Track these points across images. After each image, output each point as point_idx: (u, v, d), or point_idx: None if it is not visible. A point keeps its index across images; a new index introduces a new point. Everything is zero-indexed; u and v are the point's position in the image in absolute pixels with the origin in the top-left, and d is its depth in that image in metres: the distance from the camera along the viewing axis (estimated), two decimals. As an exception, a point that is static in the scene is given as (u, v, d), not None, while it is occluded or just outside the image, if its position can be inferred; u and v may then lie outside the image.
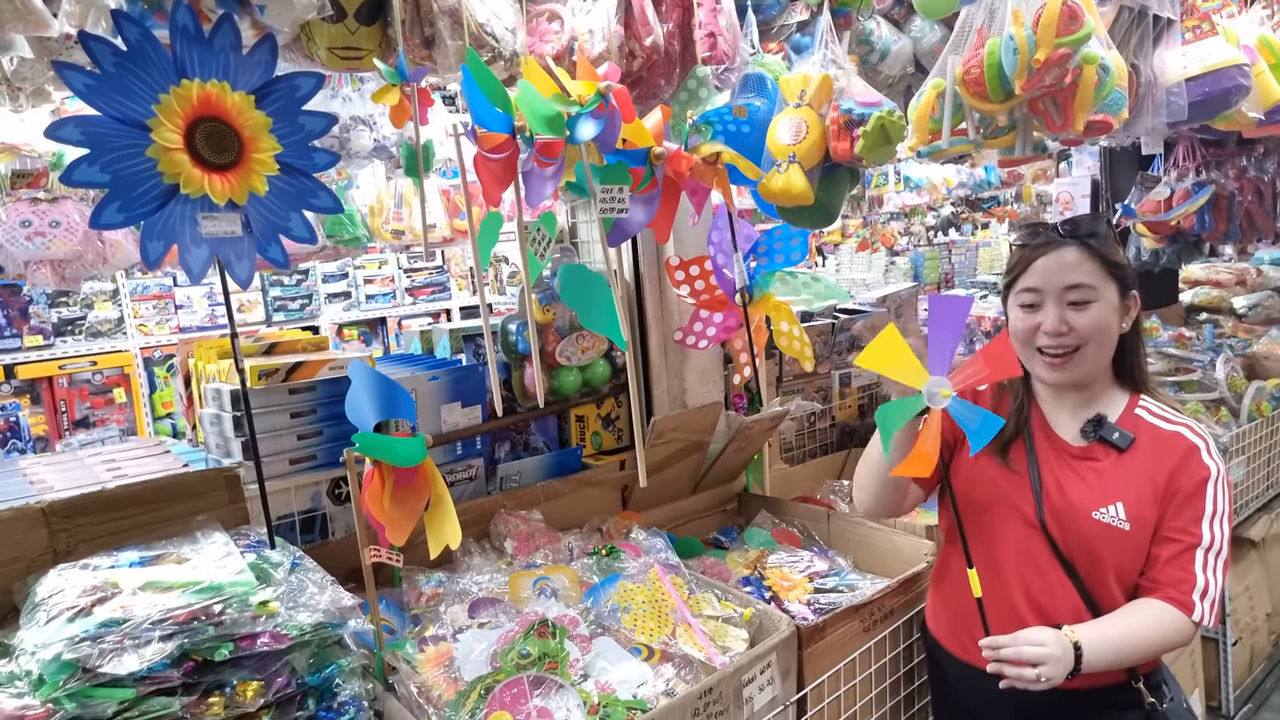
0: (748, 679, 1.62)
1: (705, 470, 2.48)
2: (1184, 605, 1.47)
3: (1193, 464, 1.51)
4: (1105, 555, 1.52)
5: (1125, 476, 1.53)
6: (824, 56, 1.94)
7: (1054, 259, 1.55)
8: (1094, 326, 1.53)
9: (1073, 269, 1.53)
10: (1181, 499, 1.50)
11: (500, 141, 1.49)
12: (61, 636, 1.17)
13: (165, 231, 1.26)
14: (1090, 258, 1.54)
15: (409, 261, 6.34)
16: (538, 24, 1.78)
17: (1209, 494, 1.50)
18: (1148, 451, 1.54)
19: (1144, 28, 1.97)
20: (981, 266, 8.28)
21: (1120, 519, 1.51)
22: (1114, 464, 1.55)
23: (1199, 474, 1.51)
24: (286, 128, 1.31)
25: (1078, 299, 1.53)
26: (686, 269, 2.28)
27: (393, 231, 3.40)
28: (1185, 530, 1.49)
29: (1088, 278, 1.53)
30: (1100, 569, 1.53)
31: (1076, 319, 1.54)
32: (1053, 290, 1.55)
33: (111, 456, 2.08)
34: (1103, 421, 1.57)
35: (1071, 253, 1.54)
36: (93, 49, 1.15)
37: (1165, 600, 1.48)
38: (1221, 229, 3.66)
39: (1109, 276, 1.54)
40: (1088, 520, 1.53)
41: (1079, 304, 1.54)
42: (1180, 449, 1.53)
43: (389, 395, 1.49)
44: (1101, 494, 1.53)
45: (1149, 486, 1.52)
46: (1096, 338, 1.54)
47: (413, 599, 1.83)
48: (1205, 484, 1.50)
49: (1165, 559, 1.50)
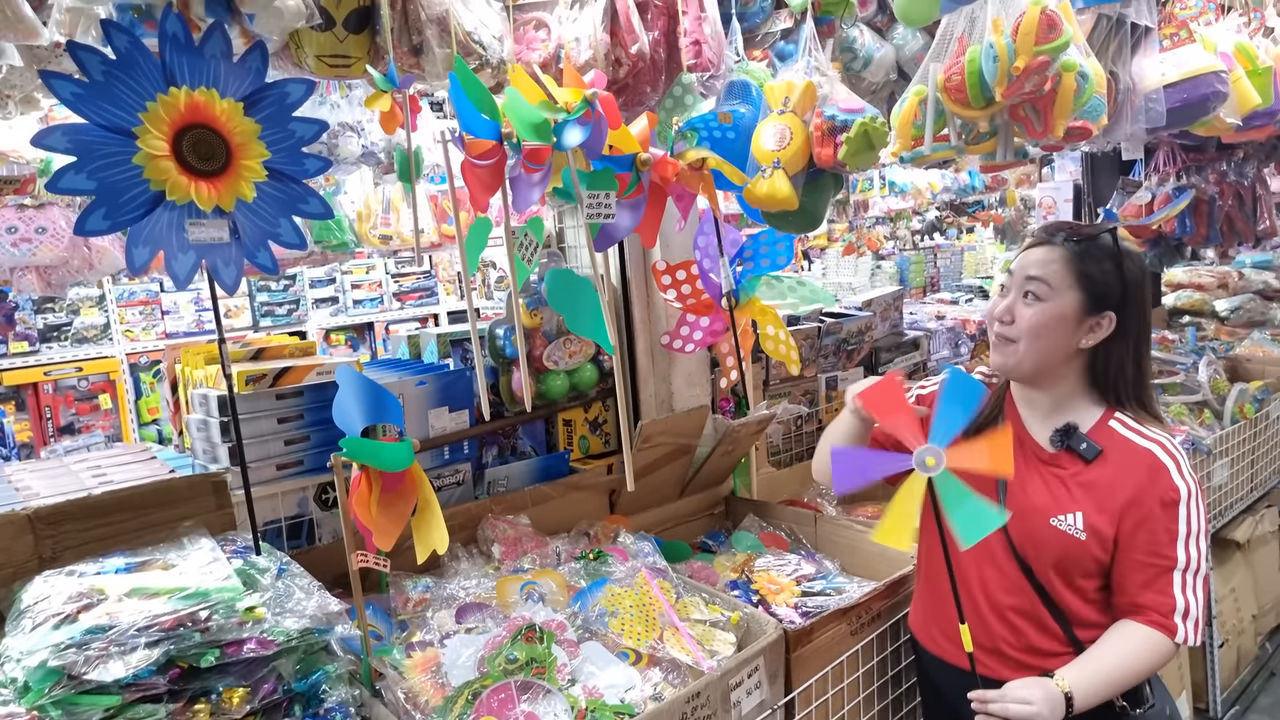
0: (735, 683, 1.63)
1: (693, 474, 2.48)
2: (1166, 629, 1.48)
3: (1162, 484, 1.50)
4: (1059, 560, 1.54)
5: (1088, 488, 1.54)
6: (808, 64, 1.96)
7: (1033, 253, 1.58)
8: (1032, 325, 1.54)
9: (1038, 264, 1.55)
10: (1153, 521, 1.49)
11: (488, 148, 1.50)
12: (47, 643, 1.17)
13: (151, 238, 1.26)
14: (1061, 260, 1.54)
15: (397, 266, 6.33)
16: (524, 32, 1.80)
17: (1181, 514, 1.49)
18: (1115, 465, 1.53)
19: (1122, 35, 1.99)
20: (967, 270, 8.33)
21: (1077, 529, 1.51)
22: (1079, 474, 1.55)
23: (1169, 495, 1.49)
24: (277, 134, 1.32)
25: (1030, 291, 1.55)
26: (673, 273, 2.29)
27: (380, 236, 3.40)
28: (1160, 554, 1.49)
29: (1048, 275, 1.54)
30: (1053, 572, 1.55)
31: (1021, 311, 1.55)
32: (1016, 280, 1.58)
33: (98, 463, 2.07)
34: (1071, 431, 1.57)
35: (1046, 251, 1.56)
36: (82, 58, 1.15)
37: (1148, 624, 1.49)
38: (1202, 233, 3.70)
39: (1074, 285, 1.53)
40: (1045, 525, 1.54)
41: (1027, 299, 1.55)
42: (1149, 467, 1.51)
43: (376, 400, 1.49)
44: (1063, 501, 1.54)
45: (1111, 500, 1.51)
46: (1032, 337, 1.54)
47: (400, 604, 1.83)
48: (1176, 505, 1.49)
49: (1143, 582, 1.50)
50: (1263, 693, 3.38)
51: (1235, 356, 3.96)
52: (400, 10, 1.56)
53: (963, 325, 4.03)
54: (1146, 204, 3.77)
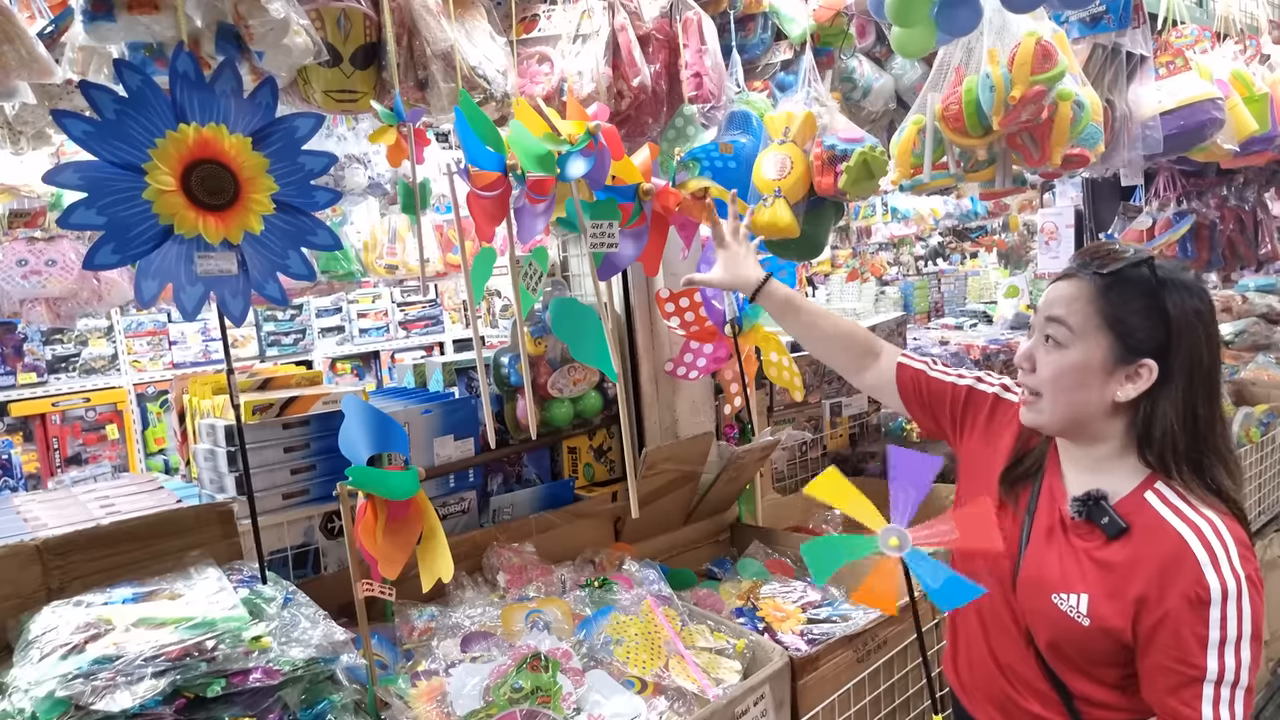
0: (741, 711, 1.62)
1: (697, 501, 2.48)
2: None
3: (1187, 579, 1.20)
4: (1058, 641, 1.34)
5: (1103, 568, 1.29)
6: (807, 94, 1.99)
7: (1059, 287, 1.34)
8: (1053, 376, 1.32)
9: (1060, 302, 1.32)
10: (1175, 622, 1.20)
11: (493, 179, 1.52)
12: (55, 674, 1.18)
13: (160, 271, 1.28)
14: (1086, 298, 1.29)
15: (402, 295, 6.37)
16: (528, 66, 1.83)
17: (1214, 617, 1.18)
18: (1140, 547, 1.27)
19: (1118, 64, 2.03)
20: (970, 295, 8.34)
21: (1080, 612, 1.29)
22: (1098, 549, 1.31)
23: (1197, 592, 1.19)
24: (286, 168, 1.34)
25: (1050, 335, 1.33)
26: (676, 301, 2.31)
27: (386, 266, 3.43)
28: (1184, 660, 1.20)
29: (1069, 317, 1.30)
30: (1054, 651, 1.36)
31: (1040, 359, 1.34)
32: (1038, 319, 1.36)
33: (105, 493, 2.08)
34: (1095, 501, 1.32)
35: (1072, 285, 1.32)
36: (94, 98, 1.18)
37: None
38: (1204, 257, 3.71)
39: (1103, 327, 1.28)
40: (1047, 601, 1.33)
41: (1049, 343, 1.33)
42: (1177, 556, 1.22)
43: (382, 429, 1.50)
44: (1070, 578, 1.32)
45: (1125, 589, 1.26)
46: (1054, 390, 1.32)
47: (405, 633, 1.83)
48: (1207, 606, 1.18)
49: (1166, 688, 1.23)
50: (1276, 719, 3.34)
51: (1240, 380, 3.95)
52: (406, 46, 1.59)
53: (966, 350, 4.04)
54: (1148, 229, 3.79)
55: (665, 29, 1.90)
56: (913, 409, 1.68)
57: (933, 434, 1.69)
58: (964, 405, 1.60)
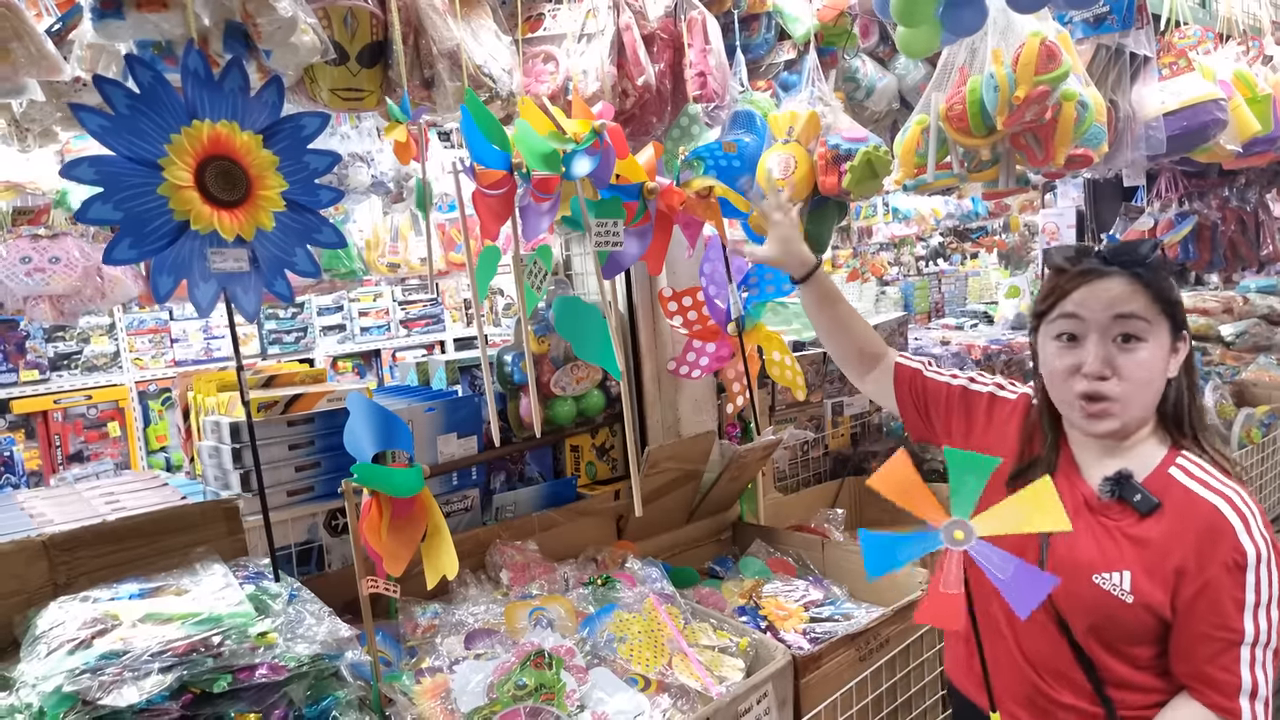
0: (744, 709, 1.62)
1: (700, 500, 2.49)
2: (1230, 712, 1.26)
3: (1226, 546, 1.26)
4: (1100, 622, 1.34)
5: (1140, 545, 1.32)
6: (811, 94, 1.99)
7: (1100, 288, 1.33)
8: (1144, 374, 1.32)
9: (1123, 300, 1.32)
10: (1216, 589, 1.26)
11: (498, 178, 1.53)
12: (62, 669, 1.18)
13: (175, 267, 1.28)
14: (1143, 289, 1.32)
15: (404, 294, 6.37)
16: (533, 65, 1.83)
17: (1249, 581, 1.25)
18: (1173, 521, 1.30)
19: (1121, 65, 2.03)
20: (971, 295, 8.35)
21: (1124, 590, 1.31)
22: (1132, 526, 1.34)
23: (1235, 558, 1.25)
24: (292, 166, 1.35)
25: (1128, 332, 1.31)
26: (679, 300, 2.31)
27: (388, 265, 3.44)
28: (1225, 626, 1.26)
29: (1142, 310, 1.31)
30: (1094, 634, 1.36)
31: (1124, 361, 1.32)
32: (1098, 323, 1.32)
33: (110, 489, 2.09)
34: (1125, 480, 1.35)
35: (1120, 283, 1.33)
36: (107, 92, 1.18)
37: (1209, 705, 1.28)
38: (1205, 258, 3.71)
39: (1162, 313, 1.32)
40: (1088, 583, 1.34)
41: (1128, 342, 1.32)
42: (1213, 526, 1.27)
43: (387, 426, 1.51)
44: (1111, 558, 1.34)
45: (1165, 562, 1.30)
46: (1142, 387, 1.33)
47: (409, 630, 1.83)
48: (1244, 570, 1.25)
49: (1206, 657, 1.28)
50: None
51: (1241, 381, 3.96)
52: (412, 45, 1.60)
53: (967, 350, 4.04)
54: (1149, 230, 3.79)
55: (670, 28, 1.90)
56: (905, 407, 1.71)
57: (921, 435, 1.71)
58: (959, 403, 1.63)
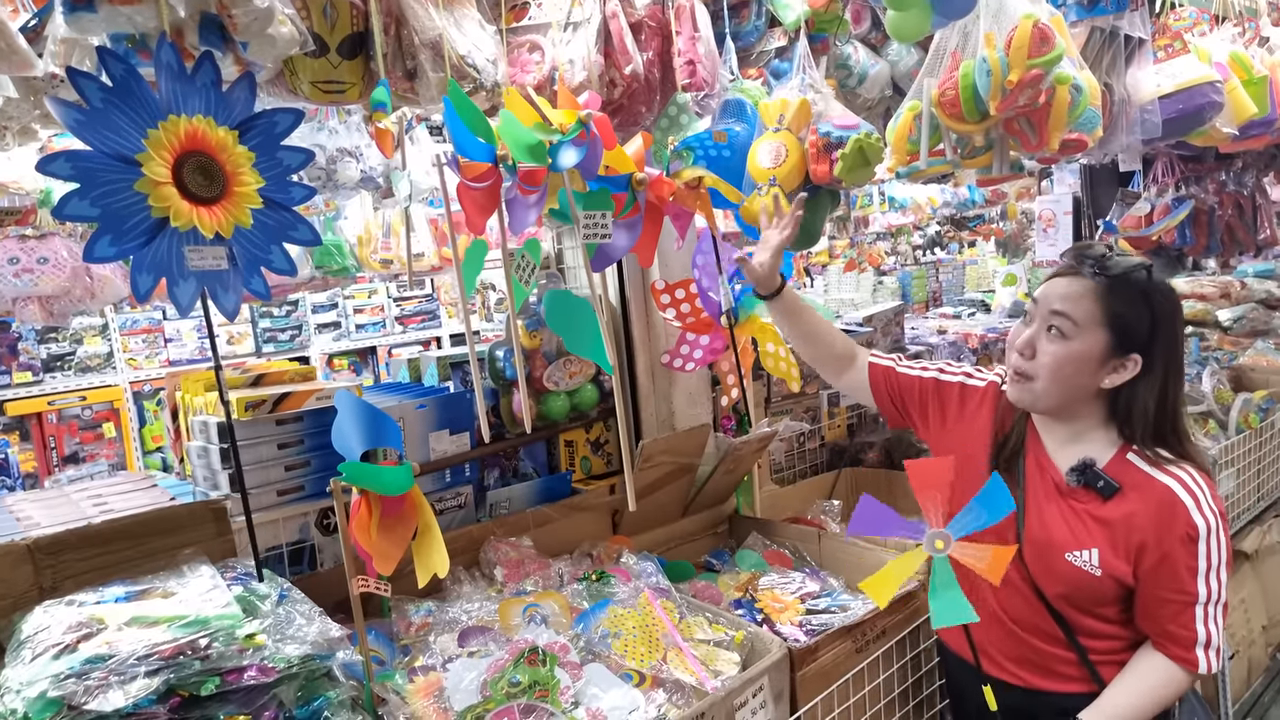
0: (740, 703, 1.61)
1: (695, 493, 2.47)
2: (1188, 662, 1.49)
3: (1181, 522, 1.46)
4: (1071, 592, 1.55)
5: (1105, 525, 1.51)
6: (802, 81, 1.97)
7: (1057, 283, 1.52)
8: (1054, 364, 1.49)
9: (1065, 298, 1.49)
10: (1173, 559, 1.46)
11: (483, 171, 1.50)
12: (47, 674, 1.17)
13: (155, 265, 1.26)
14: (1091, 295, 1.47)
15: (398, 290, 6.35)
16: (518, 55, 1.81)
17: (1201, 551, 1.46)
18: (1134, 501, 1.50)
19: (1116, 47, 2.01)
20: (969, 284, 8.34)
21: (1093, 565, 1.50)
22: (1097, 509, 1.52)
23: (1189, 532, 1.45)
24: (266, 162, 1.33)
25: (1055, 326, 1.49)
26: (672, 292, 2.29)
27: (381, 261, 3.42)
28: (1182, 590, 1.47)
29: (1075, 312, 1.47)
30: (1065, 600, 1.56)
31: (1043, 347, 1.50)
32: (1041, 310, 1.52)
33: (98, 492, 2.07)
34: (1088, 467, 1.53)
35: (1077, 283, 1.49)
36: (81, 85, 1.16)
37: (1170, 657, 1.50)
38: (1202, 243, 3.70)
39: (1102, 323, 1.47)
40: (1060, 560, 1.53)
41: (1051, 333, 1.50)
42: (1167, 504, 1.47)
43: (375, 424, 1.49)
44: (1080, 537, 1.52)
45: (1129, 539, 1.49)
46: (1051, 377, 1.50)
47: (402, 629, 1.82)
48: (1196, 541, 1.46)
49: (1167, 616, 1.49)
50: (1274, 704, 3.33)
51: (1239, 366, 3.94)
52: (394, 35, 1.58)
53: (964, 340, 4.03)
54: (1146, 215, 3.77)
55: (657, 16, 1.88)
56: (881, 401, 1.87)
57: (898, 425, 1.89)
58: (932, 395, 1.78)
